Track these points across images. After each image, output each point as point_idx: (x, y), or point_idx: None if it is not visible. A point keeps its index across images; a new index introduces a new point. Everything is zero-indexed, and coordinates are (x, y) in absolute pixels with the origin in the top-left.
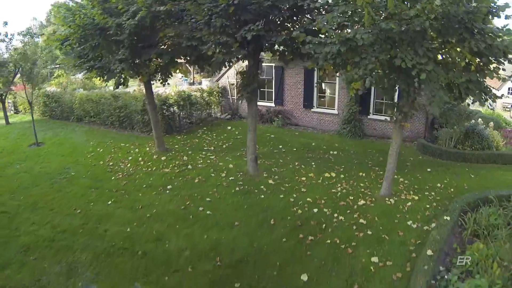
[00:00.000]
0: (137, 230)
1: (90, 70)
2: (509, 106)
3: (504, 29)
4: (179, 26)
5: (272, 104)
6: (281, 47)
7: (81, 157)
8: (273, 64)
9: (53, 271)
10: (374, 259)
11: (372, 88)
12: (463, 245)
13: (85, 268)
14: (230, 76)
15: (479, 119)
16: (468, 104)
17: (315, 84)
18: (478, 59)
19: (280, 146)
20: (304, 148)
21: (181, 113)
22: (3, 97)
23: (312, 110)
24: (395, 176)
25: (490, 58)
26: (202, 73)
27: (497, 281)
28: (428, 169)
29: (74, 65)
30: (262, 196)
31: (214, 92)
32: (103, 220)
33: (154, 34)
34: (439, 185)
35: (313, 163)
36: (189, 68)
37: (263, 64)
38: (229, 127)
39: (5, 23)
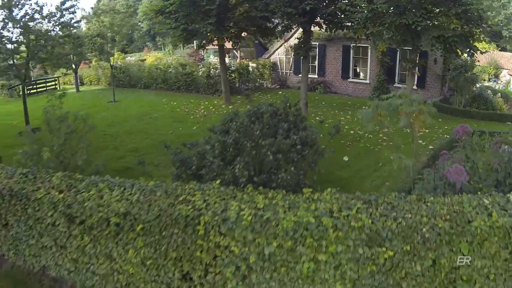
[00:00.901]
0: None
1: (184, 32)
2: None
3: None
4: (254, 2)
5: (315, 76)
6: (326, 22)
7: (159, 107)
8: (317, 43)
9: (163, 159)
10: (393, 155)
11: (397, 61)
12: None
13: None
14: (279, 53)
15: (488, 91)
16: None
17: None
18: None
19: (323, 103)
20: (342, 105)
21: (240, 80)
22: (77, 67)
23: (348, 80)
24: None
25: (469, 20)
26: (247, 59)
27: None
28: (440, 120)
29: (171, 27)
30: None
31: (267, 66)
32: (193, 136)
33: (231, 8)
34: (446, 127)
35: (349, 112)
36: (237, 54)
37: None
38: (280, 92)
39: None
